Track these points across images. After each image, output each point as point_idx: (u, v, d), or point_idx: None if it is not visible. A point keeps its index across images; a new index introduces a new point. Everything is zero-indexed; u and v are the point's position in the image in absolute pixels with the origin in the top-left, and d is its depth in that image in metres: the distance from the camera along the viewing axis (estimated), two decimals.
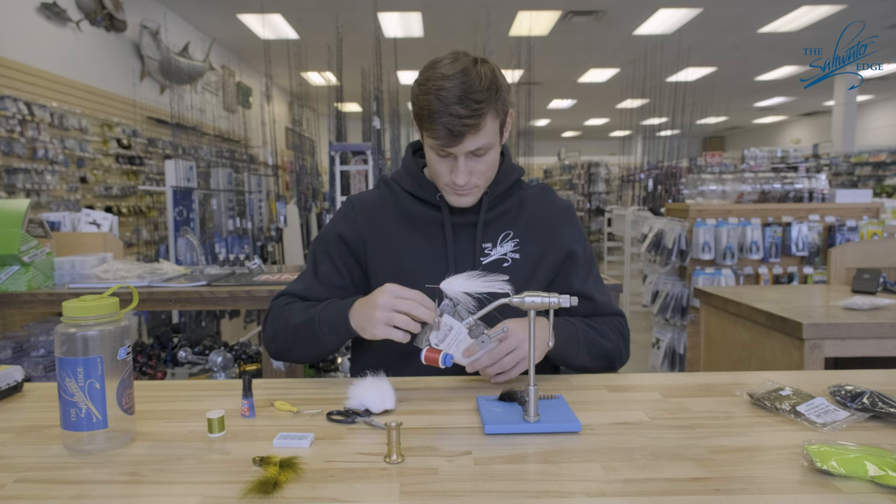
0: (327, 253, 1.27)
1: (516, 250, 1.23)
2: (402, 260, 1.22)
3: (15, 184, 4.64)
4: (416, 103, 1.12)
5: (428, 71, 1.11)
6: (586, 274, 1.28)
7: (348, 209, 1.29)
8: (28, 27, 4.97)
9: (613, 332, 1.24)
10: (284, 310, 1.21)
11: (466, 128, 1.06)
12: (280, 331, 1.20)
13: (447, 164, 1.14)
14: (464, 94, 1.05)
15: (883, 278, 2.22)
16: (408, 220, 1.25)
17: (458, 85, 1.06)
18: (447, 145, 1.09)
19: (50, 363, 2.42)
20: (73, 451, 0.83)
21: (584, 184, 11.08)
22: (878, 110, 14.90)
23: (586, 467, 0.78)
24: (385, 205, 1.27)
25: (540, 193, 1.31)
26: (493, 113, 1.10)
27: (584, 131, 20.36)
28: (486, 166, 1.16)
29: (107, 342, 0.82)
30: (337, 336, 1.11)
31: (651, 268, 3.95)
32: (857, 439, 0.81)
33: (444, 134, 1.07)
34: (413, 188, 1.25)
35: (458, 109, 1.05)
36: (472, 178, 1.15)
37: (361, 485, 0.74)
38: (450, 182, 1.15)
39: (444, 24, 8.05)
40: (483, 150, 1.12)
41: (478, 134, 1.09)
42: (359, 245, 1.25)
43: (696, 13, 7.80)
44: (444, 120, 1.06)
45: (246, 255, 4.32)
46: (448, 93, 1.06)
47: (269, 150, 7.07)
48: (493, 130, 1.12)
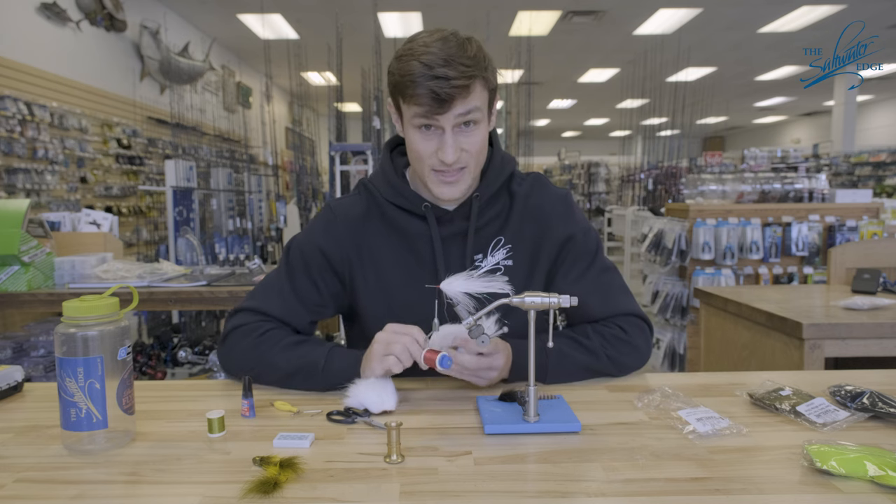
0: (306, 267, 1.16)
1: (509, 257, 1.16)
2: (389, 277, 1.15)
3: (15, 184, 4.64)
4: (396, 73, 1.01)
5: (408, 43, 1.02)
6: (584, 270, 1.17)
7: (329, 219, 1.18)
8: (28, 27, 4.97)
9: (607, 343, 1.11)
10: (262, 340, 1.09)
11: (455, 90, 0.97)
12: (258, 365, 1.07)
13: (432, 141, 1.04)
14: (450, 56, 0.97)
15: (883, 278, 2.22)
16: (393, 232, 1.16)
17: (443, 48, 0.98)
18: (433, 112, 0.99)
19: (50, 363, 2.42)
20: (73, 451, 0.83)
21: (584, 184, 11.07)
22: (878, 110, 14.90)
23: (586, 467, 0.77)
24: (369, 216, 1.17)
25: (532, 187, 1.20)
26: (482, 82, 1.01)
27: (584, 131, 20.36)
28: (476, 141, 1.05)
29: (107, 342, 0.82)
30: (341, 384, 1.02)
31: (651, 268, 3.95)
32: (857, 439, 0.81)
33: (429, 99, 0.98)
34: (394, 198, 1.14)
35: (446, 71, 0.96)
36: (463, 155, 1.04)
37: (361, 485, 0.73)
38: (436, 163, 1.05)
39: (444, 24, 7.87)
40: (472, 119, 1.02)
41: (467, 98, 0.99)
42: (342, 261, 1.16)
43: (696, 13, 7.80)
44: (429, 83, 0.96)
45: (246, 255, 4.32)
46: (433, 56, 0.97)
47: (269, 150, 7.08)
48: (483, 100, 1.03)
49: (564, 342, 1.10)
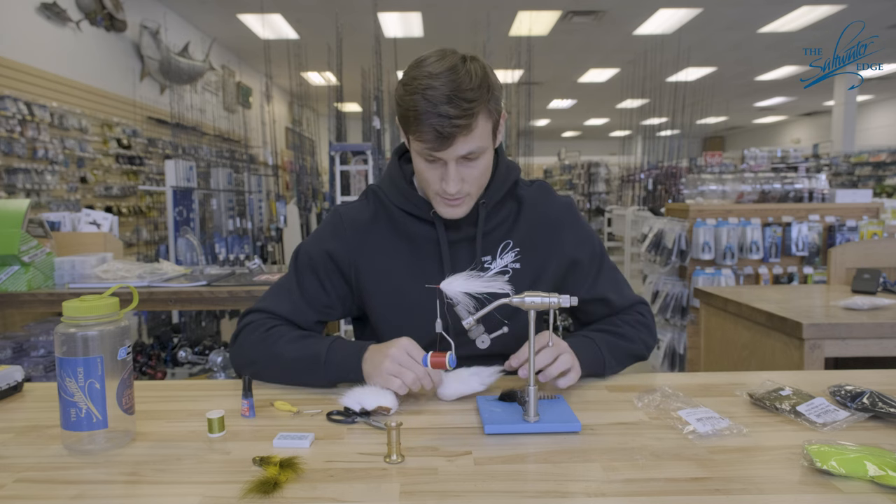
0: (313, 269, 1.18)
1: (517, 260, 1.18)
2: (398, 281, 1.16)
3: (15, 184, 4.64)
4: (402, 105, 1.03)
5: (413, 70, 1.03)
6: (596, 274, 1.24)
7: (337, 223, 1.20)
8: (28, 27, 4.97)
9: (636, 328, 1.21)
10: (270, 334, 1.12)
11: (457, 129, 0.99)
12: (264, 357, 1.10)
13: (436, 170, 1.07)
14: (453, 92, 0.98)
15: (883, 278, 2.22)
16: (401, 237, 1.18)
17: (446, 83, 0.98)
18: (436, 149, 1.02)
19: (50, 363, 2.42)
20: (73, 451, 0.83)
21: (584, 184, 11.08)
22: (878, 110, 14.90)
23: (586, 467, 0.77)
24: (376, 221, 1.19)
25: (538, 194, 1.24)
26: (486, 113, 1.03)
27: (584, 131, 20.36)
28: (479, 172, 1.08)
29: (107, 342, 0.82)
30: (342, 379, 1.05)
31: (651, 268, 3.95)
32: (857, 439, 0.81)
33: (432, 136, 1.00)
34: (403, 204, 1.17)
35: (448, 109, 0.98)
36: (465, 185, 1.07)
37: (361, 485, 0.74)
38: (440, 191, 1.08)
39: (444, 24, 8.05)
40: (475, 154, 1.04)
41: (469, 136, 1.01)
42: (349, 264, 1.17)
43: (696, 13, 7.80)
44: (432, 121, 0.98)
45: (246, 255, 4.33)
46: (436, 91, 0.98)
47: (269, 150, 7.08)
48: (486, 133, 1.05)
49: (606, 336, 1.18)
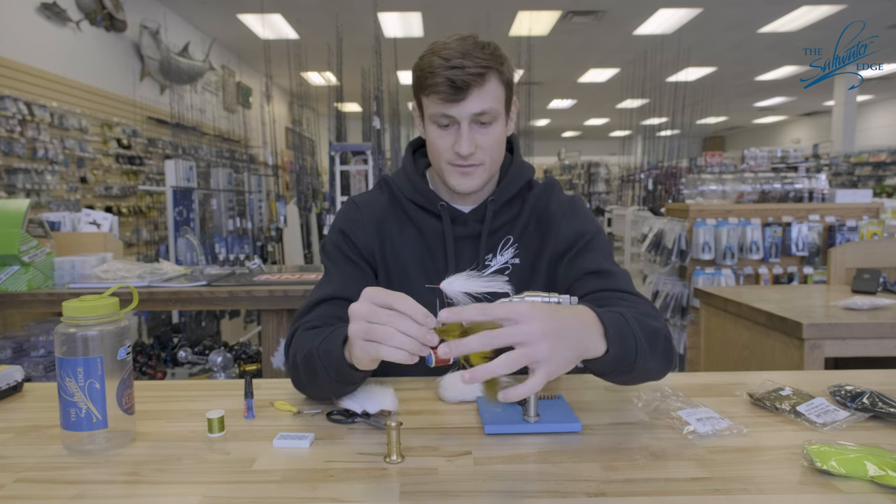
0: (344, 254, 1.18)
1: (516, 255, 1.19)
2: (407, 270, 1.18)
3: (15, 184, 4.64)
4: (416, 69, 1.09)
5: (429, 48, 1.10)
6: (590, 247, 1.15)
7: (352, 210, 1.22)
8: (28, 27, 4.97)
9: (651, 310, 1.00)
10: (302, 336, 1.03)
11: (471, 77, 1.02)
12: (292, 365, 1.01)
13: (449, 136, 1.09)
14: (467, 50, 1.04)
15: (883, 278, 2.22)
16: (411, 228, 1.21)
17: (460, 45, 1.05)
18: (450, 100, 1.05)
19: (50, 363, 2.42)
20: (73, 451, 0.83)
21: (584, 184, 11.09)
22: (878, 110, 14.90)
23: (586, 467, 0.77)
24: (389, 209, 1.22)
25: (543, 190, 1.24)
26: (498, 77, 1.07)
27: (584, 131, 20.36)
28: (493, 141, 1.10)
29: (107, 342, 0.82)
30: (337, 373, 0.90)
31: (651, 268, 3.95)
32: (857, 439, 0.81)
33: (446, 87, 1.03)
34: (413, 195, 1.20)
35: (462, 62, 1.03)
36: (478, 152, 1.09)
37: (361, 485, 0.73)
38: (452, 157, 1.10)
39: (444, 24, 8.05)
40: (488, 116, 1.07)
41: (482, 91, 1.05)
42: (367, 248, 1.19)
43: (696, 13, 7.80)
44: (446, 73, 1.03)
45: (246, 255, 4.33)
46: (451, 50, 1.04)
47: (269, 150, 7.08)
48: (499, 97, 1.08)
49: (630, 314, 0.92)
